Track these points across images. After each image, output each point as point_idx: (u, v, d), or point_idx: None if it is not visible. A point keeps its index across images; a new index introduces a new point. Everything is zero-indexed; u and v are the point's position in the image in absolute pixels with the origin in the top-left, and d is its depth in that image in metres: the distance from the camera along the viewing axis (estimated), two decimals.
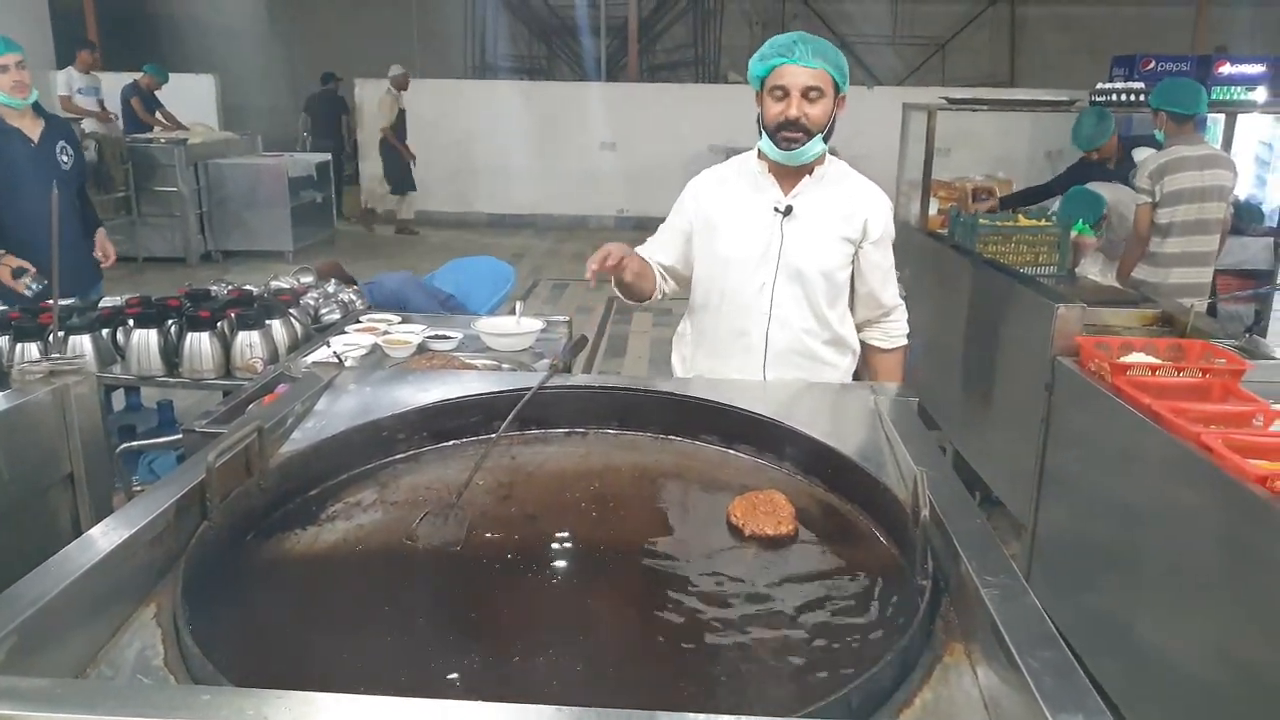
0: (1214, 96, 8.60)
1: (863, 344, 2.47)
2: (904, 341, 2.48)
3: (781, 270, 2.29)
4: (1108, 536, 2.59)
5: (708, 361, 2.42)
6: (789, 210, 2.27)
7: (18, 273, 3.52)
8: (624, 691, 1.07)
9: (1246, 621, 1.93)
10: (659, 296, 2.48)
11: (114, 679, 1.01)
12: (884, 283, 2.38)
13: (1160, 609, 2.30)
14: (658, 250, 2.46)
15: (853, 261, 2.34)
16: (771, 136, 2.21)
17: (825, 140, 2.21)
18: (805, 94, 2.15)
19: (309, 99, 13.15)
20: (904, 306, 2.47)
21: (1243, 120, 6.02)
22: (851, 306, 2.42)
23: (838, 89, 2.19)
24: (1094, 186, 4.72)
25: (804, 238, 2.28)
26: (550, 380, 1.80)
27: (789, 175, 2.29)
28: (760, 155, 2.32)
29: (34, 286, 3.51)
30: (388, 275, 4.01)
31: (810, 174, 2.29)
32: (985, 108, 5.33)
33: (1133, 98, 4.85)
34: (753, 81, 2.26)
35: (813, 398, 1.99)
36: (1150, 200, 4.22)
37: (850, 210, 2.29)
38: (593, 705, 0.81)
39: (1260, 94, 8.13)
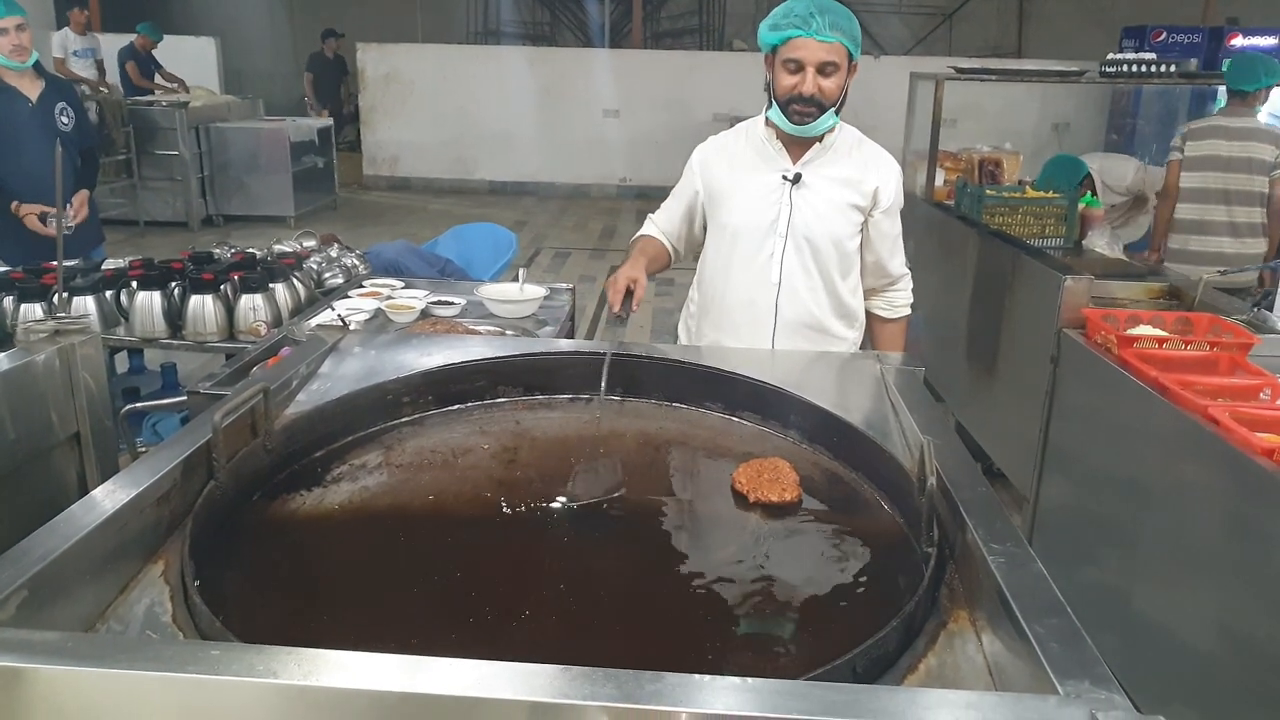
0: (1225, 69, 8.55)
1: (866, 312, 2.45)
2: (907, 312, 2.46)
3: (791, 239, 2.26)
4: (1110, 510, 2.59)
5: (714, 333, 2.39)
6: (798, 178, 2.24)
7: (42, 217, 3.70)
8: (630, 654, 1.08)
9: (1251, 596, 1.94)
10: (675, 263, 2.49)
11: (123, 634, 1.02)
12: (892, 251, 2.36)
13: (1163, 583, 2.31)
14: (665, 220, 2.45)
15: (862, 230, 2.32)
16: (783, 109, 2.16)
17: (837, 112, 2.18)
18: (821, 69, 2.09)
19: (311, 58, 12.56)
20: (910, 276, 2.45)
21: None
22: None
23: (851, 58, 2.14)
24: (1087, 155, 4.75)
25: (813, 206, 2.25)
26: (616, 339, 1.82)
27: (798, 143, 2.25)
28: (768, 122, 2.28)
29: (71, 225, 3.72)
30: (385, 245, 4.00)
31: (820, 141, 2.25)
32: (994, 78, 5.27)
33: (1144, 69, 4.79)
34: (763, 47, 2.20)
35: (818, 366, 1.98)
36: (1179, 157, 4.35)
37: (860, 177, 2.26)
38: (598, 666, 0.81)
39: None
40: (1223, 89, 7.39)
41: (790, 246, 2.27)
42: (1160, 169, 4.92)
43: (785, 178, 2.25)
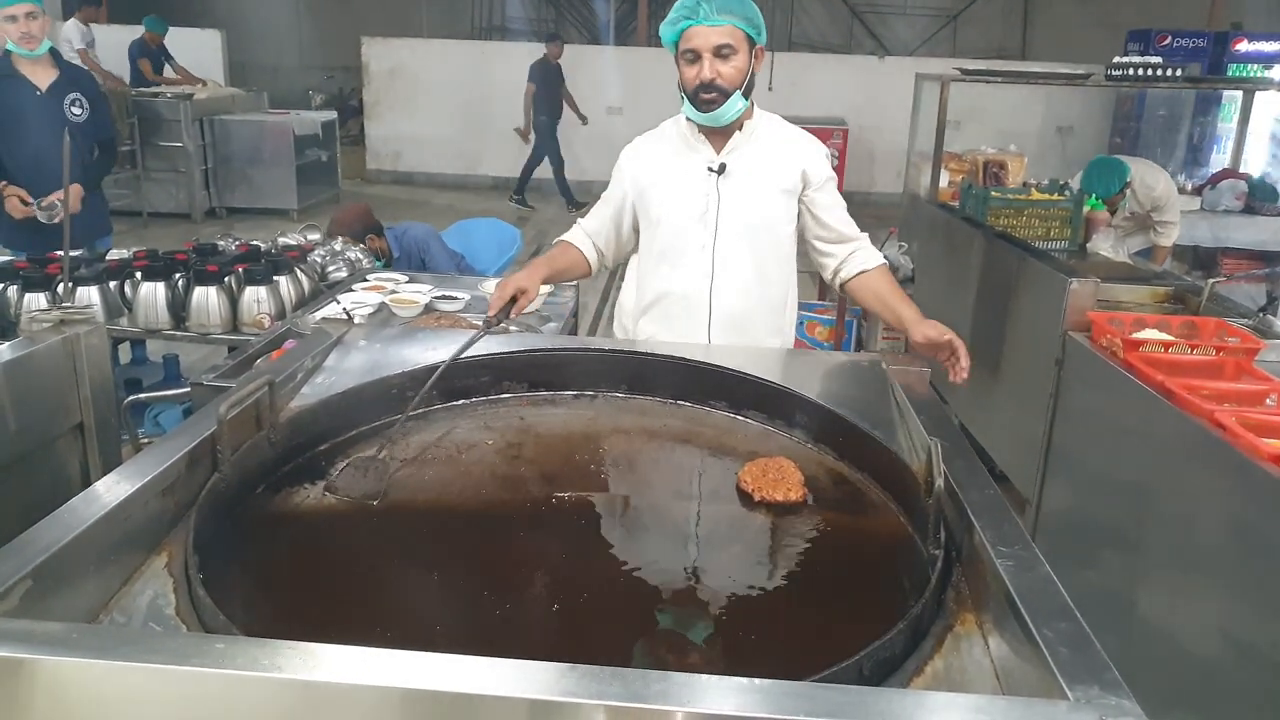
0: (1230, 74, 8.55)
1: (850, 280, 2.33)
2: (883, 259, 2.35)
3: (721, 230, 2.26)
4: (1114, 514, 2.59)
5: (651, 328, 2.37)
6: (723, 168, 2.24)
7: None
8: (632, 650, 1.07)
9: (1255, 601, 1.93)
10: (602, 267, 2.47)
11: (126, 626, 1.01)
12: (846, 219, 2.32)
13: (1167, 588, 2.30)
14: (594, 224, 2.43)
15: (799, 214, 2.30)
16: (691, 100, 2.17)
17: (746, 96, 2.17)
18: (716, 53, 2.11)
19: (533, 68, 10.45)
20: (867, 236, 2.37)
21: (1260, 98, 5.95)
22: (822, 256, 2.35)
23: (752, 42, 2.15)
24: (1119, 157, 4.71)
25: (742, 194, 2.25)
26: (479, 339, 1.77)
27: (719, 134, 2.25)
28: (689, 117, 2.28)
29: (49, 211, 3.62)
30: (413, 224, 4.03)
31: (740, 129, 2.25)
32: (999, 79, 5.25)
33: (1149, 72, 4.77)
34: (668, 47, 2.21)
35: (823, 366, 1.98)
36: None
37: (785, 161, 2.26)
38: (603, 664, 0.81)
39: (1277, 72, 8.06)
40: (1228, 94, 7.38)
41: (721, 238, 2.26)
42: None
43: (710, 169, 2.25)
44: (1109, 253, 4.23)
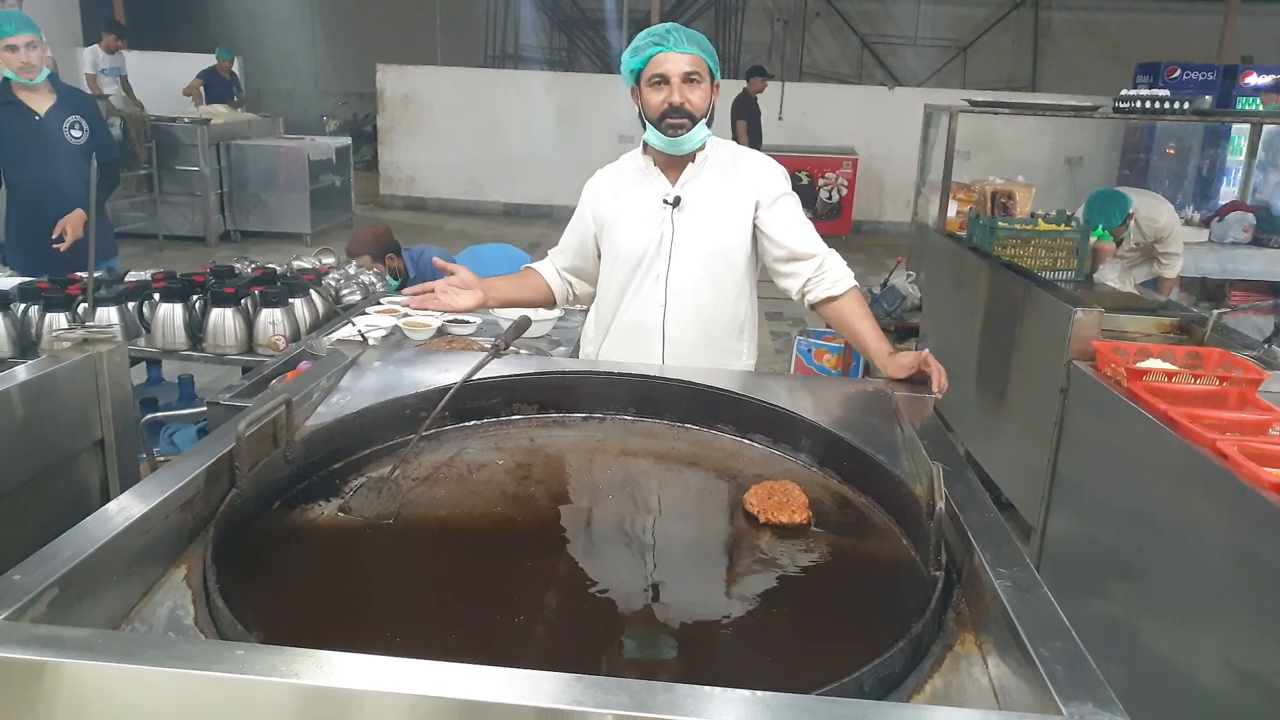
0: (1239, 106, 8.59)
1: (819, 305, 2.30)
2: (853, 282, 2.29)
3: (675, 260, 2.29)
4: (1118, 542, 2.60)
5: (609, 354, 2.42)
6: (678, 201, 2.27)
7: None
8: (640, 667, 1.10)
9: (1258, 632, 1.94)
10: (570, 299, 2.52)
11: (147, 634, 1.04)
12: (801, 235, 2.27)
13: (1170, 616, 2.30)
14: (560, 255, 2.48)
15: (754, 236, 2.30)
16: (657, 125, 2.20)
17: (709, 125, 2.22)
18: (686, 79, 2.16)
19: (737, 103, 9.97)
20: (837, 254, 2.33)
21: (1268, 130, 5.99)
22: (783, 278, 2.32)
23: (712, 76, 2.21)
24: (1121, 189, 4.75)
25: (696, 226, 2.28)
26: (489, 362, 1.79)
27: (675, 165, 2.29)
28: (645, 150, 2.32)
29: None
30: (430, 246, 4.10)
31: (694, 161, 2.28)
32: (1008, 110, 5.31)
33: (1157, 105, 4.82)
34: (626, 77, 2.25)
35: (829, 392, 2.00)
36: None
37: (739, 186, 2.28)
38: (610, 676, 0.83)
39: None
40: (1236, 127, 7.42)
41: (674, 268, 2.29)
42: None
43: (665, 201, 2.28)
44: (1115, 283, 4.25)
